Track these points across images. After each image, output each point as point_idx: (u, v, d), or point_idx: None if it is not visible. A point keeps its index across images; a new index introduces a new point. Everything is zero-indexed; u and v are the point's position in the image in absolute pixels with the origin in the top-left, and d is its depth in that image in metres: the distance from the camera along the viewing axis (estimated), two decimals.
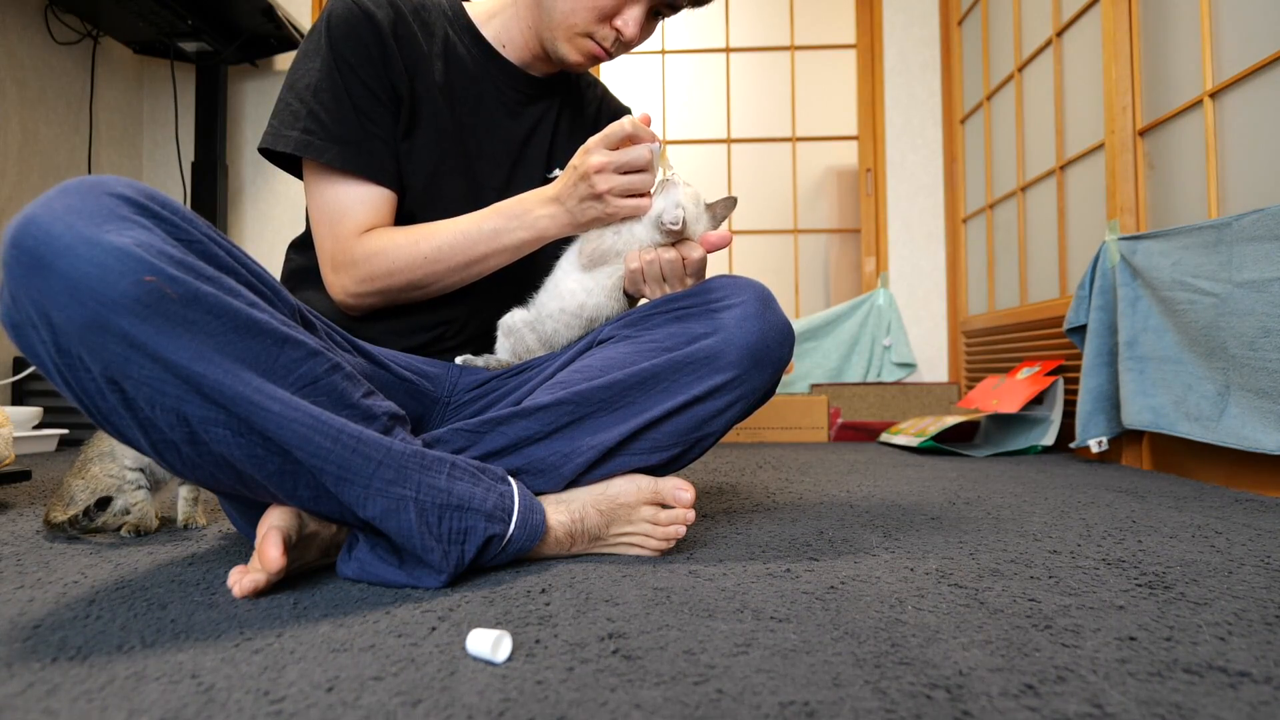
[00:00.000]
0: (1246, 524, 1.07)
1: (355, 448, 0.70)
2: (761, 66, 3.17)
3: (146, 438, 0.65)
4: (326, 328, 0.83)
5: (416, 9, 0.99)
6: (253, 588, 0.71)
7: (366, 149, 0.94)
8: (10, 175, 2.47)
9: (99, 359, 0.60)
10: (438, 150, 0.98)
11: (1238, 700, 0.49)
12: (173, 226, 0.64)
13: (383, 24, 0.94)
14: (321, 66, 0.93)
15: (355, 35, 0.93)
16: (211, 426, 0.65)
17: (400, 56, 0.95)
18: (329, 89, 0.92)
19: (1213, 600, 0.71)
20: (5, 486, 1.42)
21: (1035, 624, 0.64)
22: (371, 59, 0.93)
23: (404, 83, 0.95)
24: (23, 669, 0.55)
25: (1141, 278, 1.64)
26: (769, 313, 0.87)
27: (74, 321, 0.58)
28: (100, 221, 0.59)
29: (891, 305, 2.96)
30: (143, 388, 0.62)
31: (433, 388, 0.93)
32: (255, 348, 0.65)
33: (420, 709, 0.48)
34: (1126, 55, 1.84)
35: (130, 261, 0.58)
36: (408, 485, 0.72)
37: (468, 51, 1.02)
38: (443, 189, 1.00)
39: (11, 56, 2.47)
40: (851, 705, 0.48)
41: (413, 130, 0.97)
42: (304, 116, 0.92)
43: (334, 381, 0.71)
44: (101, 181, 0.62)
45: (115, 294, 0.58)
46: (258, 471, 0.69)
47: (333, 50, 0.93)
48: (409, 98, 0.96)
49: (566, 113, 1.11)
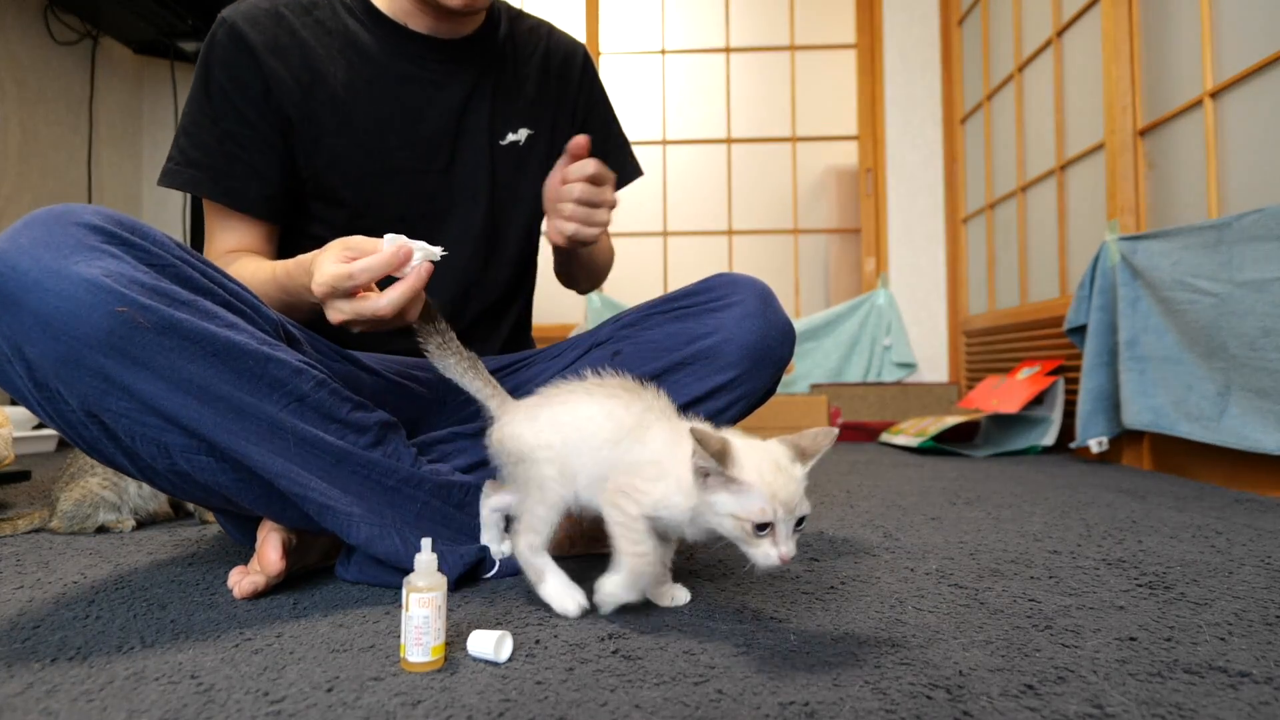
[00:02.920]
0: (1247, 524, 1.06)
1: (333, 479, 0.70)
2: (761, 66, 3.17)
3: (133, 464, 0.66)
4: (311, 340, 0.82)
5: (308, 7, 0.93)
6: (252, 590, 0.71)
7: (222, 174, 0.89)
8: (10, 175, 2.47)
9: (76, 393, 0.60)
10: (359, 153, 0.93)
11: (1238, 700, 0.49)
12: (144, 252, 0.63)
13: (257, 45, 0.89)
14: (195, 95, 0.90)
15: (227, 60, 0.89)
16: (193, 455, 0.65)
17: (285, 73, 0.90)
18: (196, 118, 0.90)
19: (1213, 600, 0.70)
20: (5, 486, 1.42)
21: (1035, 624, 0.64)
22: (245, 84, 0.89)
23: (294, 99, 0.90)
24: (23, 669, 0.55)
25: (1142, 278, 1.64)
26: (769, 311, 0.87)
27: (47, 357, 0.58)
28: (68, 253, 0.57)
29: (891, 305, 2.96)
30: (121, 419, 0.62)
31: (427, 390, 0.93)
32: (236, 369, 0.65)
33: (420, 709, 0.48)
34: (1126, 55, 1.84)
35: (100, 293, 0.57)
36: (387, 517, 0.73)
37: (372, 36, 0.94)
38: (383, 190, 0.95)
39: (11, 56, 2.47)
40: (851, 705, 0.48)
41: (320, 141, 0.92)
42: (174, 148, 0.90)
43: (320, 398, 0.71)
44: (69, 211, 0.60)
45: (87, 328, 0.57)
46: (244, 497, 0.70)
47: (207, 78, 0.89)
48: (304, 112, 0.91)
49: (507, 67, 1.02)
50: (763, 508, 0.56)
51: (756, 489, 0.56)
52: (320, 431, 0.70)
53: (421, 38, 0.96)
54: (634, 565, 0.63)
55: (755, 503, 0.56)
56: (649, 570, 0.64)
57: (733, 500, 0.57)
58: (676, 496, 0.61)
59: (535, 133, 1.03)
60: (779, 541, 0.56)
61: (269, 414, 0.67)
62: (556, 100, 1.06)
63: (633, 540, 0.63)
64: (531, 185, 1.03)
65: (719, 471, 0.57)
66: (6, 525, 1.04)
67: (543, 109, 1.04)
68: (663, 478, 0.62)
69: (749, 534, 0.56)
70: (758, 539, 0.56)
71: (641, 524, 0.63)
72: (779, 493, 0.56)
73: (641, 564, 0.63)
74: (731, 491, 0.57)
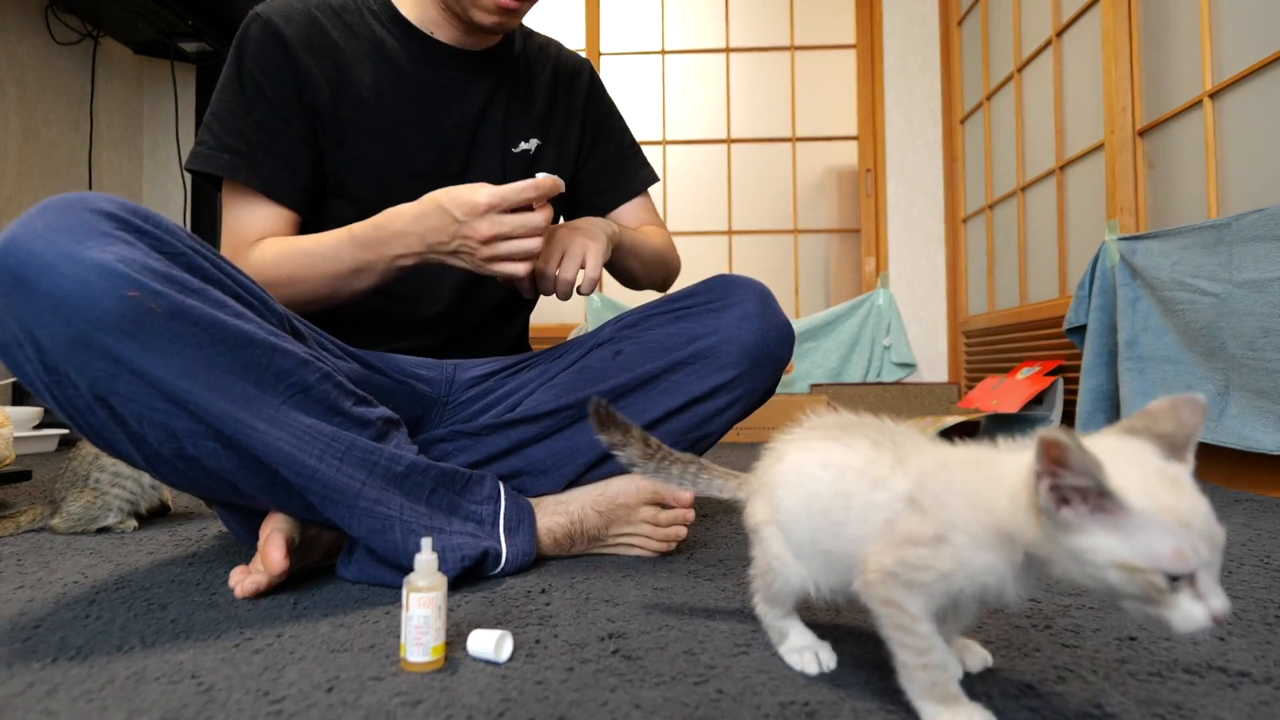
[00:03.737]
0: (1246, 524, 1.07)
1: (340, 466, 0.70)
2: (761, 66, 3.17)
3: (139, 452, 0.66)
4: (317, 335, 0.83)
5: (338, 10, 0.96)
6: (254, 589, 0.71)
7: (258, 162, 0.90)
8: (10, 175, 2.47)
9: (85, 376, 0.60)
10: (380, 154, 0.95)
11: (1238, 700, 0.49)
12: (156, 240, 0.63)
13: (293, 41, 0.91)
14: (228, 85, 0.91)
15: (263, 54, 0.90)
16: (201, 440, 0.65)
17: (317, 71, 0.92)
18: (230, 105, 0.91)
19: None
20: (5, 486, 1.42)
21: (1035, 624, 0.64)
22: (280, 78, 0.90)
23: (323, 97, 0.92)
24: (23, 669, 0.55)
25: (1141, 278, 1.64)
26: (769, 312, 0.87)
27: (59, 340, 0.58)
28: (82, 238, 0.58)
29: (891, 305, 2.96)
30: (130, 403, 0.62)
31: (430, 389, 0.93)
32: (243, 358, 0.65)
33: (420, 709, 0.48)
34: (1126, 55, 1.84)
35: (113, 277, 0.58)
36: (392, 506, 0.73)
37: (398, 43, 0.97)
38: (399, 190, 0.94)
39: (11, 56, 2.47)
40: (851, 705, 0.48)
41: (345, 141, 0.94)
42: (205, 133, 0.91)
43: (325, 390, 0.71)
44: (83, 198, 0.61)
45: (99, 311, 0.58)
46: (249, 485, 0.70)
47: (240, 70, 0.91)
48: (331, 111, 0.92)
49: (520, 79, 1.05)
50: (1178, 548, 0.36)
51: (1156, 519, 0.37)
52: (324, 423, 0.70)
53: (445, 47, 0.98)
54: (925, 682, 0.44)
55: (1164, 542, 0.37)
56: (945, 678, 0.44)
57: (1119, 542, 0.37)
58: (982, 555, 0.42)
59: (544, 142, 1.05)
60: (1205, 593, 0.37)
61: (274, 403, 0.67)
62: (565, 112, 1.08)
63: (918, 650, 0.44)
64: None
65: (1097, 492, 0.37)
66: (10, 523, 1.04)
67: (552, 120, 1.07)
68: (947, 535, 0.42)
69: (1155, 589, 0.37)
70: (1169, 594, 0.37)
71: (926, 625, 0.43)
72: (1192, 520, 0.37)
73: (933, 675, 0.44)
74: (1113, 527, 0.37)
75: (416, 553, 0.56)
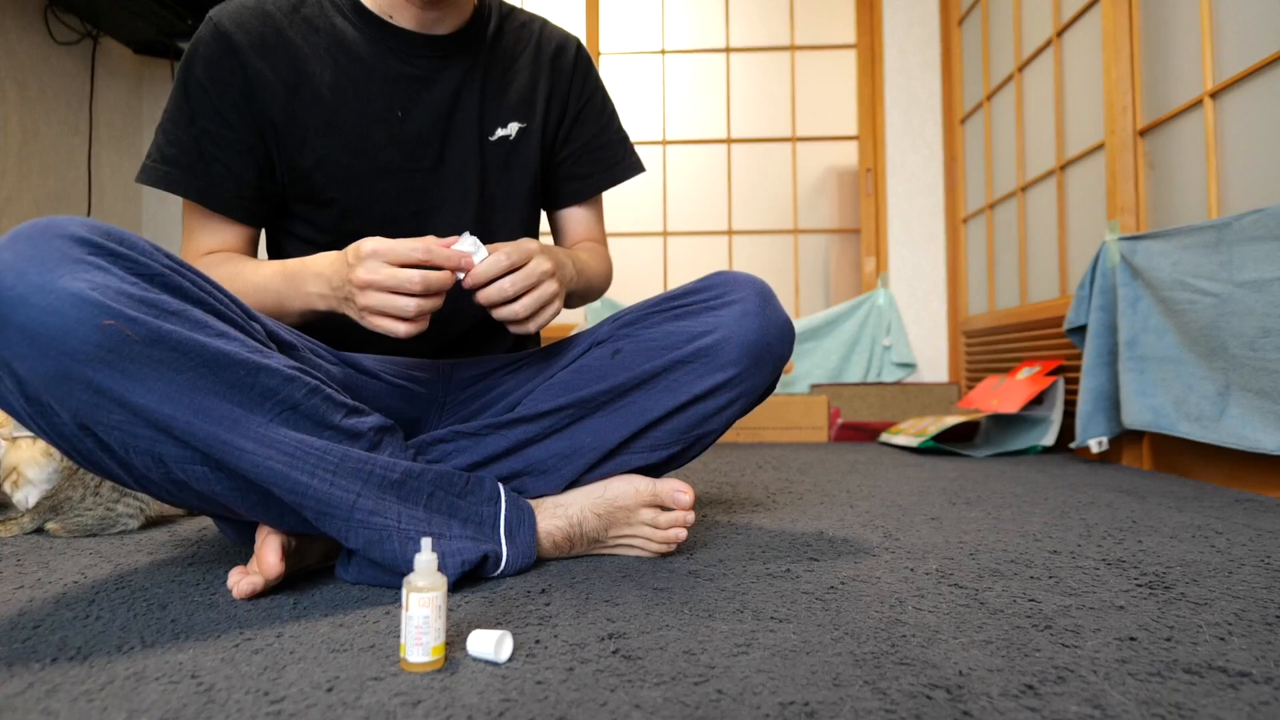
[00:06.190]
0: (1246, 524, 1.07)
1: (333, 480, 0.69)
2: (761, 66, 3.17)
3: (129, 475, 0.66)
4: (308, 344, 0.82)
5: (296, 6, 0.92)
6: (251, 590, 0.71)
7: (200, 172, 0.89)
8: (10, 175, 2.47)
9: (67, 407, 0.60)
10: (345, 154, 0.92)
11: (1238, 700, 0.49)
12: (131, 263, 0.62)
13: (242, 45, 0.88)
14: (174, 93, 0.90)
15: (210, 60, 0.88)
16: (188, 465, 0.65)
17: (271, 74, 0.89)
18: (173, 115, 0.90)
19: (1213, 600, 0.71)
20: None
21: (1035, 624, 0.64)
22: (226, 86, 0.88)
23: (278, 100, 0.89)
24: (23, 669, 0.55)
25: (1142, 278, 1.64)
26: (769, 309, 0.87)
27: (37, 373, 0.58)
28: (52, 267, 0.57)
29: (891, 305, 2.96)
30: (114, 432, 0.62)
31: (426, 390, 0.93)
32: (227, 379, 0.64)
33: (420, 709, 0.48)
34: (1126, 55, 1.84)
35: (87, 306, 0.57)
36: (389, 514, 0.72)
37: (359, 34, 0.93)
38: (370, 190, 0.94)
39: (11, 56, 2.47)
40: (851, 705, 0.48)
41: (306, 143, 0.91)
42: (151, 145, 0.91)
43: (314, 404, 0.70)
44: (53, 223, 0.60)
45: (75, 342, 0.57)
46: (241, 504, 0.70)
47: (187, 77, 0.89)
48: (288, 114, 0.90)
49: (496, 63, 1.00)
50: None
51: None
52: (315, 438, 0.70)
53: (408, 34, 0.94)
54: None
55: None
56: None
57: None
58: None
59: (526, 125, 1.01)
60: None
61: (261, 422, 0.66)
62: (549, 91, 1.04)
63: None
64: (523, 178, 1.02)
65: None
66: (13, 525, 1.03)
67: (534, 99, 1.02)
68: None
69: None
70: None
71: None
72: None
73: None
74: None
75: (417, 554, 0.56)
